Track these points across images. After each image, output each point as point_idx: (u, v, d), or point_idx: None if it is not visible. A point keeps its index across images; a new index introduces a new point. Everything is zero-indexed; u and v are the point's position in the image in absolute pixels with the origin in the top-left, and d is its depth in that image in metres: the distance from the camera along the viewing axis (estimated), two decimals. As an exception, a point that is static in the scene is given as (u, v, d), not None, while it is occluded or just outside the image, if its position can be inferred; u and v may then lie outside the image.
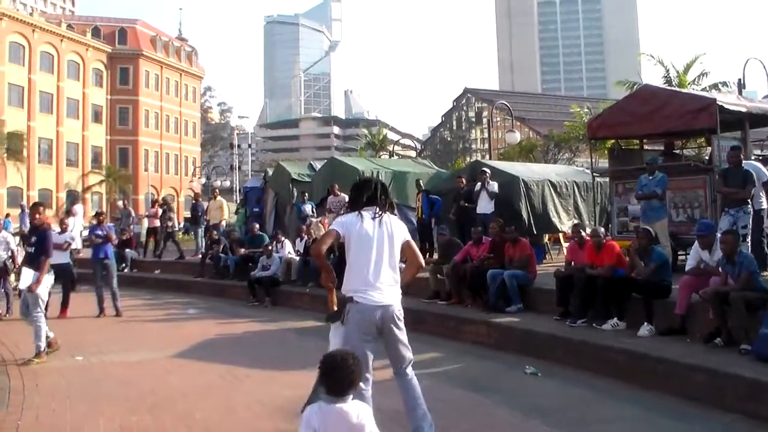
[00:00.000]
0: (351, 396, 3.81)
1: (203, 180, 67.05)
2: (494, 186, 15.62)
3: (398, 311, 5.54)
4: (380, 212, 5.63)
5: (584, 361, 8.80)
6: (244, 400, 7.73)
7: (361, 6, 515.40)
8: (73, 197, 55.48)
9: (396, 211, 6.18)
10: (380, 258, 5.52)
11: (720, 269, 8.59)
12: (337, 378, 3.79)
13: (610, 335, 9.16)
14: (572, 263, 11.03)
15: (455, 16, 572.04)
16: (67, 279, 14.91)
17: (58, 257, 14.92)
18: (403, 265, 6.08)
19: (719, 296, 8.08)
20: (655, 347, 8.24)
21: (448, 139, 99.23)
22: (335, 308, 5.74)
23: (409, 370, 5.67)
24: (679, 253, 12.60)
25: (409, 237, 5.81)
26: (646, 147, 16.39)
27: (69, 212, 26.71)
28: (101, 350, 10.98)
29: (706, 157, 13.60)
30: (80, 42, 74.66)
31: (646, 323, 9.03)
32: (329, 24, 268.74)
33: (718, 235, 9.02)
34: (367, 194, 5.70)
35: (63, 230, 15.11)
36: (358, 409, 3.78)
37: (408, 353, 5.64)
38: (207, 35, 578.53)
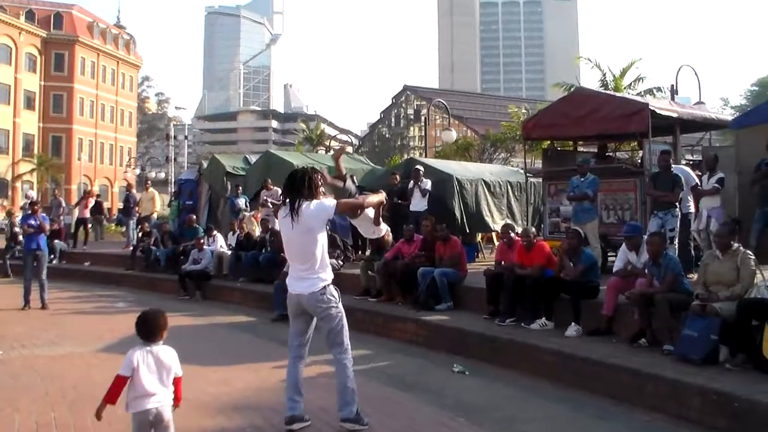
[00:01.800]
0: (161, 342, 4.77)
1: (137, 171, 65.85)
2: (427, 183, 15.60)
3: (317, 296, 6.01)
4: (296, 205, 5.96)
5: (512, 360, 8.84)
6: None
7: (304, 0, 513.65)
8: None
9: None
10: (294, 253, 6.17)
11: (646, 271, 8.71)
12: (149, 327, 4.75)
13: (538, 335, 9.22)
14: (502, 263, 11.06)
15: (397, 13, 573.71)
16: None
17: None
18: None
19: (645, 298, 8.20)
20: (582, 347, 8.32)
21: (387, 136, 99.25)
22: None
23: (337, 354, 6.16)
24: (609, 254, 12.75)
25: (334, 208, 6.03)
26: (579, 149, 16.59)
27: None
28: (23, 344, 10.66)
29: (639, 161, 13.79)
30: (13, 25, 72.37)
31: (573, 323, 9.12)
32: (271, 17, 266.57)
33: (646, 237, 9.15)
34: (289, 187, 6.10)
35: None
36: (166, 351, 4.76)
37: (334, 339, 6.12)
38: (146, 24, 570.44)
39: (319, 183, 6.15)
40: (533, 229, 11.31)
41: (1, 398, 7.42)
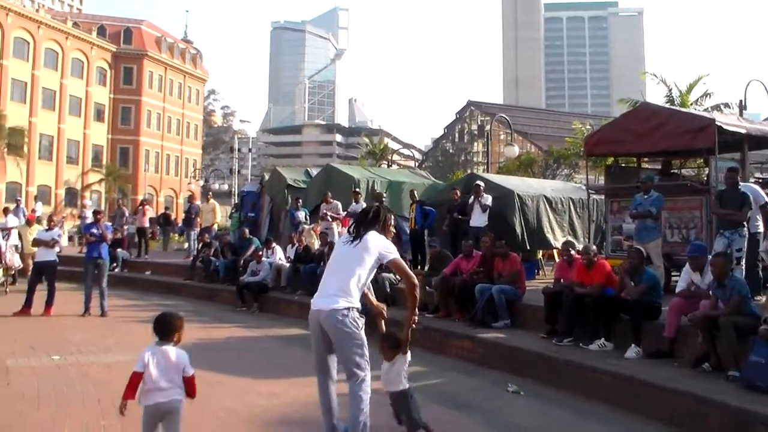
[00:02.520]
0: (172, 343, 5.13)
1: (201, 182, 66.80)
2: (488, 199, 15.40)
3: (337, 316, 5.67)
4: (362, 232, 5.93)
5: (568, 382, 8.60)
6: (215, 407, 7.51)
7: (369, 15, 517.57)
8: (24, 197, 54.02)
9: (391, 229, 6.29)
10: (333, 270, 5.97)
11: (710, 292, 8.38)
12: (162, 327, 5.17)
13: (597, 356, 8.94)
14: (561, 281, 10.82)
15: (462, 28, 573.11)
16: (52, 276, 14.79)
17: (44, 254, 14.85)
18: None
19: (708, 320, 7.87)
20: (642, 370, 8.03)
21: (450, 151, 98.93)
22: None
23: (352, 385, 5.79)
24: (672, 273, 12.36)
25: (393, 256, 5.90)
26: (644, 165, 16.20)
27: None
28: (80, 350, 10.79)
29: (705, 178, 13.38)
30: (85, 40, 74.40)
31: (633, 345, 8.83)
32: (336, 32, 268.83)
33: (710, 257, 8.83)
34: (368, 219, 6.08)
35: (50, 228, 14.98)
36: (177, 352, 5.11)
37: (350, 367, 5.76)
38: (213, 38, 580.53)
39: (391, 223, 6.19)
40: (594, 247, 10.99)
41: (54, 404, 7.49)
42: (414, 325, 5.95)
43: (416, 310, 5.99)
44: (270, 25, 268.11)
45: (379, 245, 5.85)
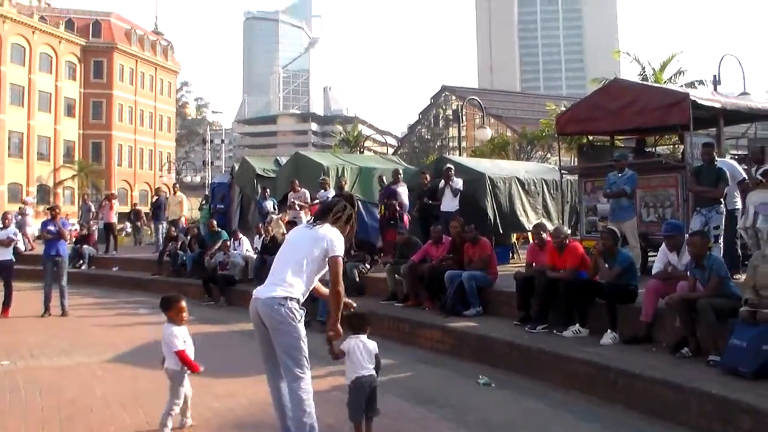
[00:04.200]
0: (170, 321, 6.53)
1: (173, 175, 65.98)
2: (458, 183, 14.95)
3: (273, 305, 5.21)
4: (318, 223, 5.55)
5: (542, 371, 8.18)
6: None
7: (342, 2, 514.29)
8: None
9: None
10: (279, 259, 5.54)
11: (688, 273, 7.97)
12: (164, 304, 6.67)
13: (571, 343, 8.52)
14: (533, 265, 10.39)
15: (435, 14, 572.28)
16: (9, 276, 14.25)
17: (0, 253, 14.28)
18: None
19: (686, 303, 7.45)
20: (618, 357, 7.61)
21: (426, 137, 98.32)
22: None
23: (289, 384, 5.31)
24: (649, 254, 11.97)
25: (336, 254, 5.40)
26: (617, 144, 15.80)
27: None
28: (33, 354, 10.30)
29: (680, 155, 13.00)
30: (53, 34, 73.37)
31: (609, 330, 8.42)
32: (309, 20, 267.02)
33: (687, 236, 8.43)
34: (323, 211, 5.73)
35: (5, 226, 14.41)
36: (168, 329, 6.51)
37: (286, 363, 5.28)
38: (184, 30, 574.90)
39: (352, 219, 5.78)
40: (566, 229, 10.57)
41: (-8, 414, 7.00)
42: (333, 338, 5.43)
43: (338, 317, 5.41)
44: (243, 15, 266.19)
45: (328, 238, 5.39)
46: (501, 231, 15.87)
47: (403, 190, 16.13)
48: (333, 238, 5.39)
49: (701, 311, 7.15)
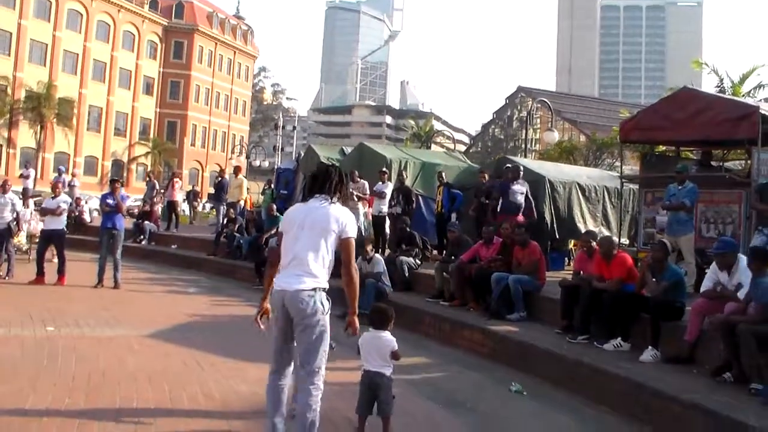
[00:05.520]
0: None
1: (242, 158, 66.51)
2: (524, 184, 14.42)
3: (303, 296, 5.03)
4: (326, 200, 5.24)
5: (577, 384, 7.92)
6: (194, 391, 7.09)
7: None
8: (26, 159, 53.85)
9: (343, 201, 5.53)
10: (303, 243, 5.16)
11: (739, 295, 7.60)
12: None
13: (610, 357, 8.23)
14: (580, 273, 10.11)
15: (517, 13, 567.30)
16: (61, 245, 14.53)
17: (52, 222, 14.56)
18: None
19: (727, 326, 7.04)
20: (656, 376, 7.28)
21: (500, 137, 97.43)
22: None
23: (305, 375, 5.15)
24: (705, 270, 11.56)
25: (350, 236, 5.21)
26: (684, 155, 15.28)
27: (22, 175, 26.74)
28: (78, 322, 10.45)
29: (747, 172, 12.45)
30: (137, 13, 74.88)
31: (650, 347, 8.08)
32: (390, 13, 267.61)
33: (741, 255, 8.05)
34: (320, 183, 5.35)
35: (55, 195, 14.66)
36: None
37: (307, 355, 5.11)
38: (265, 16, 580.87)
39: (347, 186, 5.58)
40: (614, 239, 10.24)
41: (25, 378, 7.13)
42: (351, 334, 5.29)
43: (356, 308, 5.24)
44: (325, 4, 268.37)
45: (342, 219, 5.19)
46: (557, 236, 15.55)
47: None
48: (347, 219, 5.20)
49: (741, 336, 6.76)
